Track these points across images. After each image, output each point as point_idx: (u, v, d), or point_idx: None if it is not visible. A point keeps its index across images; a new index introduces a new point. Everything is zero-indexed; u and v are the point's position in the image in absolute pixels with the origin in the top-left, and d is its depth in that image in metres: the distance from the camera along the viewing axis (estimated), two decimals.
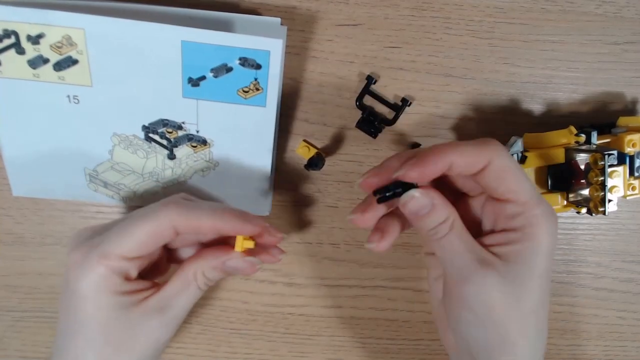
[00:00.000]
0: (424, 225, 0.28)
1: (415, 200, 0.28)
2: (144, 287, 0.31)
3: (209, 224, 0.30)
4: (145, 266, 0.32)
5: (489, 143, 0.28)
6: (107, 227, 0.31)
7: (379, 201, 0.28)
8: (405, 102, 0.37)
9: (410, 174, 0.27)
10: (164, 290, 0.31)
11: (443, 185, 0.30)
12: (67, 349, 0.30)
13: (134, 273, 0.30)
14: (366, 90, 0.36)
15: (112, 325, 0.29)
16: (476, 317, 0.28)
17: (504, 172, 0.27)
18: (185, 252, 0.34)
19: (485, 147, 0.27)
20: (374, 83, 0.37)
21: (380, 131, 0.37)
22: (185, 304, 0.31)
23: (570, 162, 0.35)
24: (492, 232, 0.30)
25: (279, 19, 0.35)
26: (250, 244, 0.31)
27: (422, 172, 0.27)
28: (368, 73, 0.37)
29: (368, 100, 0.37)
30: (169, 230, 0.30)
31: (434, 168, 0.27)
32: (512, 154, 0.35)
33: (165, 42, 0.32)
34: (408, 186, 0.28)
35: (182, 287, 0.31)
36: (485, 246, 0.29)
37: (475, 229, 0.30)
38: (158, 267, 0.34)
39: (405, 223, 0.31)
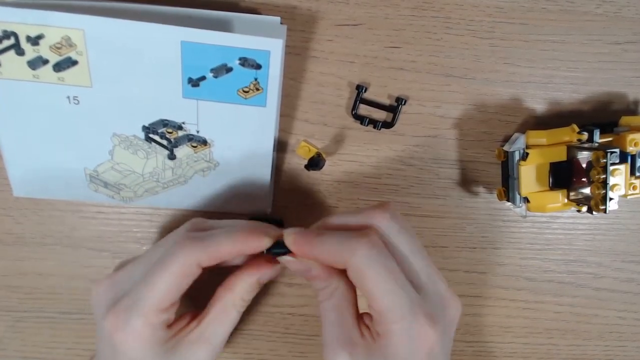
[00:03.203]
0: (312, 285, 0.31)
1: (292, 264, 0.30)
2: (184, 323, 0.32)
3: (229, 251, 0.30)
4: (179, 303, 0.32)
5: (352, 241, 0.27)
6: (129, 279, 0.31)
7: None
8: (400, 101, 0.37)
9: (291, 247, 0.30)
10: (205, 322, 0.31)
11: None
12: None
13: (172, 317, 0.31)
14: (359, 100, 0.36)
15: None
16: None
17: (360, 274, 0.27)
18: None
19: (347, 245, 0.27)
20: (365, 91, 0.36)
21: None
22: (227, 330, 0.32)
23: (572, 160, 0.35)
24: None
25: (278, 18, 0.35)
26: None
27: (296, 251, 0.30)
28: (357, 82, 0.36)
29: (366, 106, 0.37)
30: (194, 269, 0.29)
31: (303, 254, 0.30)
32: (514, 151, 0.35)
33: (164, 42, 0.32)
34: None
35: (223, 316, 0.32)
36: (363, 323, 0.30)
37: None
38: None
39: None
